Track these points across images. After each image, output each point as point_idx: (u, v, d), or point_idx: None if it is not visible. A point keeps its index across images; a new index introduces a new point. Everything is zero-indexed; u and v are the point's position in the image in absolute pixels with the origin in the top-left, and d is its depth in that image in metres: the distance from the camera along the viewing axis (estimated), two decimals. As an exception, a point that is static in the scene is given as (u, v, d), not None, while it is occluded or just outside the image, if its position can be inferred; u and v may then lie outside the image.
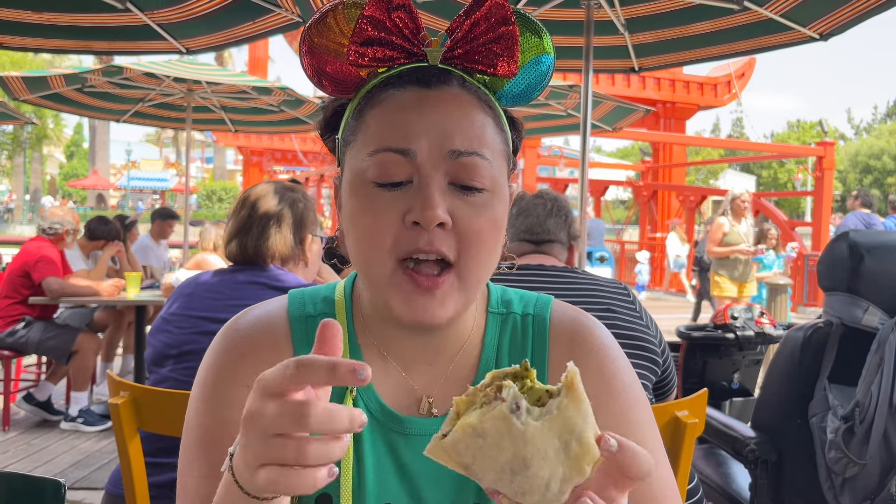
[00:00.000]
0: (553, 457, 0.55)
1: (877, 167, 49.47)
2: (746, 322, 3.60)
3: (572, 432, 0.56)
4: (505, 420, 0.56)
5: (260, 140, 19.42)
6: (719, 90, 18.17)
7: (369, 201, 0.80)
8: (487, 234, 0.81)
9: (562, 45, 4.33)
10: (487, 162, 0.81)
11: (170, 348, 2.07)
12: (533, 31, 0.86)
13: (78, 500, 3.72)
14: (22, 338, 4.82)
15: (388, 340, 0.89)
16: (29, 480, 1.24)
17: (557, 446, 0.56)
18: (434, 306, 0.79)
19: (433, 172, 0.79)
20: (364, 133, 0.82)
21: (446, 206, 0.78)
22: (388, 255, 0.79)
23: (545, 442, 0.55)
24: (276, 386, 0.57)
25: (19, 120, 8.47)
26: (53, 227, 5.03)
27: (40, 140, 37.01)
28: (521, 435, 0.55)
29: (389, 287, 0.80)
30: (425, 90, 0.82)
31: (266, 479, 0.57)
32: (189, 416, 0.88)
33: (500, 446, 0.56)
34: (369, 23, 0.81)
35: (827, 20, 3.62)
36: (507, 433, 0.56)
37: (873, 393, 2.13)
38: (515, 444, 0.55)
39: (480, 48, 0.83)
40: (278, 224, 2.15)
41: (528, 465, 0.55)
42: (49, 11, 3.99)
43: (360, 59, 0.82)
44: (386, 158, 0.79)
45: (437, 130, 0.80)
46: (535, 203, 2.21)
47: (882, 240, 2.40)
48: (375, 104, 0.82)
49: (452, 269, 0.80)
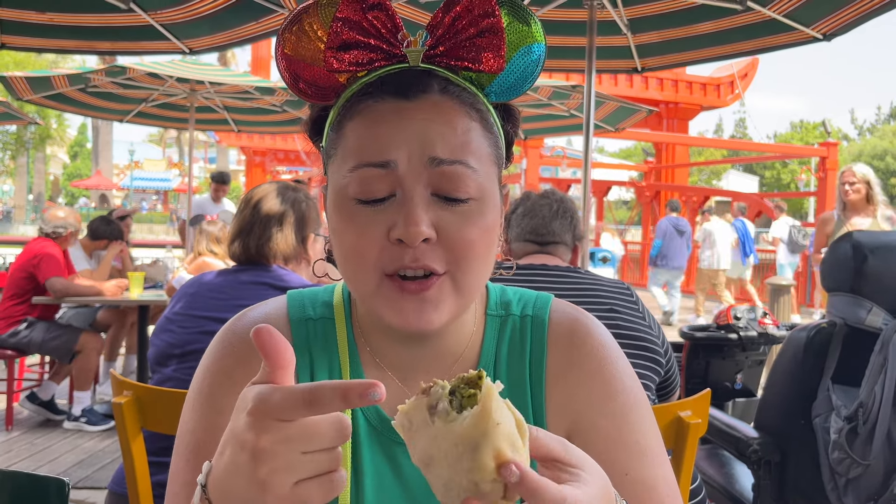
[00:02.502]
0: (452, 463, 0.57)
1: (880, 168, 49.32)
2: (749, 322, 3.59)
3: (467, 445, 0.56)
4: (422, 413, 0.58)
5: (263, 140, 19.43)
6: (722, 91, 18.15)
7: (352, 218, 0.78)
8: (478, 243, 0.78)
9: (565, 45, 4.33)
10: (472, 171, 0.78)
11: (173, 348, 2.07)
12: (521, 18, 0.81)
13: (81, 500, 3.73)
14: (24, 338, 4.83)
15: (384, 350, 0.88)
16: (33, 479, 1.25)
17: (456, 454, 0.57)
18: (428, 310, 0.77)
19: (415, 185, 0.76)
20: (343, 147, 0.80)
21: (431, 218, 0.76)
22: (373, 270, 0.77)
23: (447, 445, 0.57)
24: (282, 414, 0.56)
25: (23, 120, 8.49)
26: (57, 231, 5.04)
27: (43, 140, 37.03)
28: (431, 431, 0.57)
29: (377, 298, 0.78)
30: (403, 101, 0.78)
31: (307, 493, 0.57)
32: (183, 419, 0.87)
33: (419, 435, 0.58)
34: (344, 25, 0.77)
35: (830, 20, 3.61)
36: (424, 426, 0.58)
37: (877, 393, 2.13)
38: (427, 438, 0.58)
39: (464, 43, 0.79)
40: (280, 224, 2.15)
41: (431, 462, 0.58)
42: (53, 11, 4.00)
43: (338, 65, 0.78)
44: (366, 174, 0.77)
45: (418, 139, 0.76)
46: (541, 204, 2.20)
47: (886, 240, 2.39)
48: (354, 115, 0.79)
49: (444, 274, 0.78)
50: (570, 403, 0.87)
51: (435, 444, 0.57)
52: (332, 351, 0.88)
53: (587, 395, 0.87)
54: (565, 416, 0.87)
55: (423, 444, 0.58)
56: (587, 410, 0.87)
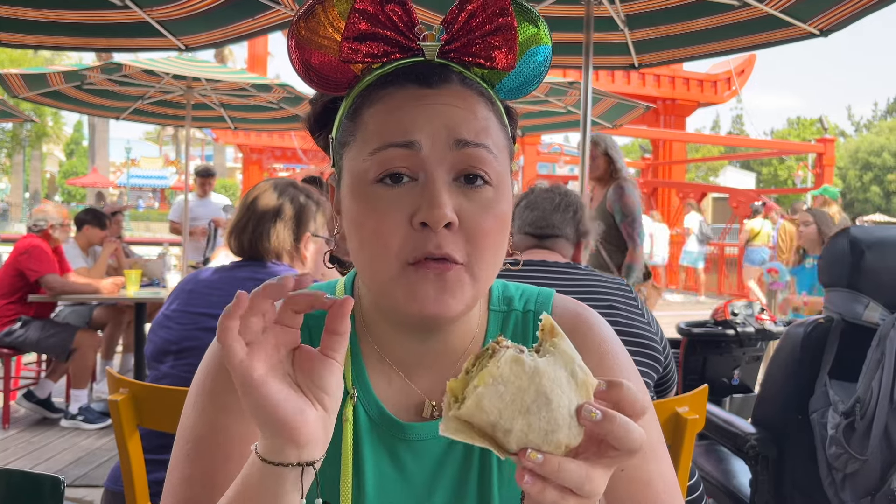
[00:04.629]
0: (566, 385, 0.57)
1: (877, 164, 49.43)
2: (747, 318, 3.60)
3: (573, 360, 0.58)
4: (518, 362, 0.58)
5: (260, 137, 19.38)
6: (719, 87, 18.15)
7: (373, 203, 0.77)
8: (495, 232, 0.79)
9: (562, 41, 4.32)
10: (493, 156, 0.78)
11: (170, 344, 2.07)
12: (529, 20, 0.83)
13: (78, 498, 3.72)
14: (20, 337, 4.82)
15: (390, 344, 0.87)
16: (28, 477, 1.24)
17: (566, 375, 0.58)
18: (446, 297, 0.76)
19: (438, 168, 0.76)
20: (363, 133, 0.79)
21: (453, 204, 0.76)
22: (395, 258, 0.76)
23: (557, 373, 0.58)
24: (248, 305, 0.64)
25: (18, 118, 8.46)
26: (38, 224, 5.05)
27: (40, 138, 36.96)
28: (536, 372, 0.57)
29: (396, 285, 0.77)
30: (425, 88, 0.79)
31: None
32: (185, 413, 0.86)
33: (522, 387, 0.57)
34: (362, 16, 0.78)
35: (827, 16, 3.61)
36: (524, 373, 0.57)
37: (874, 389, 2.13)
38: (534, 381, 0.57)
39: (478, 40, 0.79)
40: (275, 220, 2.15)
41: (550, 399, 0.57)
42: (48, 8, 3.98)
43: (354, 55, 0.78)
44: (389, 155, 0.76)
45: (442, 121, 0.77)
46: (544, 197, 2.19)
47: (882, 235, 2.39)
48: (374, 102, 0.79)
49: (462, 265, 0.77)
50: None
51: (545, 378, 0.57)
52: None
53: None
54: None
55: (534, 388, 0.57)
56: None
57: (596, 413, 0.57)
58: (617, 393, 0.59)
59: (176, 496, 0.82)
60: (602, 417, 0.57)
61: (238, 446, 0.82)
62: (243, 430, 0.82)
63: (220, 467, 0.81)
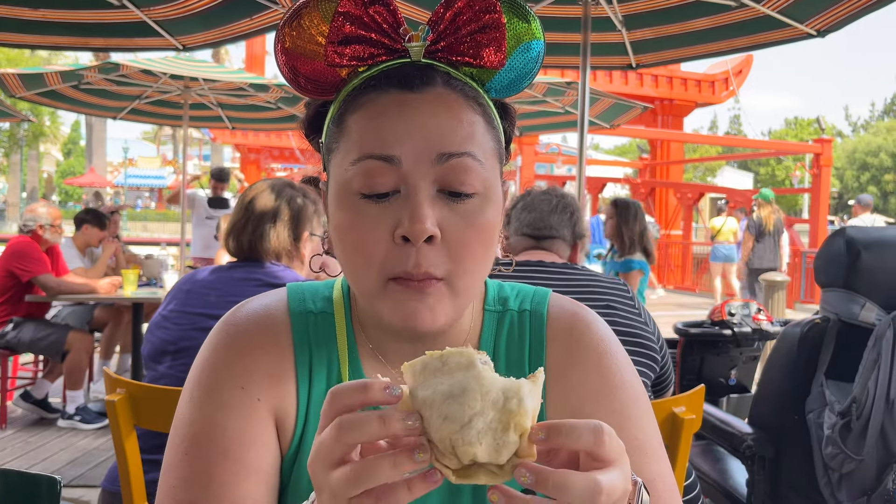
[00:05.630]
0: (490, 401, 0.57)
1: (874, 164, 49.52)
2: (743, 318, 3.60)
3: (518, 395, 0.58)
4: (469, 362, 0.59)
5: (257, 137, 19.36)
6: (717, 87, 18.17)
7: (357, 215, 0.77)
8: (477, 244, 0.78)
9: (559, 41, 4.33)
10: (478, 163, 0.77)
11: (167, 345, 2.06)
12: (520, 15, 0.81)
13: (75, 498, 3.72)
14: (13, 339, 4.80)
15: (384, 345, 0.88)
16: (25, 477, 1.24)
17: (498, 397, 0.57)
18: (427, 313, 0.77)
19: (420, 181, 0.75)
20: (346, 140, 0.79)
21: (436, 216, 0.76)
22: (377, 273, 0.77)
23: (491, 387, 0.58)
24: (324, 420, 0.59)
25: (16, 117, 8.45)
26: (27, 224, 5.03)
27: (37, 138, 36.87)
28: (475, 374, 0.58)
29: (380, 298, 0.78)
30: (407, 93, 0.77)
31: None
32: (180, 411, 0.85)
33: (453, 375, 0.58)
34: (346, 19, 0.77)
35: (824, 17, 3.62)
36: (465, 370, 0.58)
37: (870, 389, 2.13)
38: (466, 378, 0.58)
39: (465, 39, 0.78)
40: (274, 221, 2.15)
41: (464, 393, 0.57)
42: (46, 8, 3.98)
43: (339, 59, 0.78)
44: (370, 167, 0.76)
45: (423, 133, 0.76)
46: (542, 199, 2.20)
47: (879, 236, 2.40)
48: (357, 108, 0.79)
49: (441, 280, 0.77)
50: (570, 398, 0.87)
51: (477, 381, 0.57)
52: (331, 346, 0.88)
53: (586, 389, 0.87)
54: (564, 410, 0.87)
55: (459, 380, 0.58)
56: (586, 405, 0.87)
57: (527, 477, 0.56)
58: (556, 440, 0.57)
59: (176, 498, 0.79)
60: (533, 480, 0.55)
61: (236, 443, 0.81)
62: (241, 427, 0.81)
63: (219, 465, 0.80)
